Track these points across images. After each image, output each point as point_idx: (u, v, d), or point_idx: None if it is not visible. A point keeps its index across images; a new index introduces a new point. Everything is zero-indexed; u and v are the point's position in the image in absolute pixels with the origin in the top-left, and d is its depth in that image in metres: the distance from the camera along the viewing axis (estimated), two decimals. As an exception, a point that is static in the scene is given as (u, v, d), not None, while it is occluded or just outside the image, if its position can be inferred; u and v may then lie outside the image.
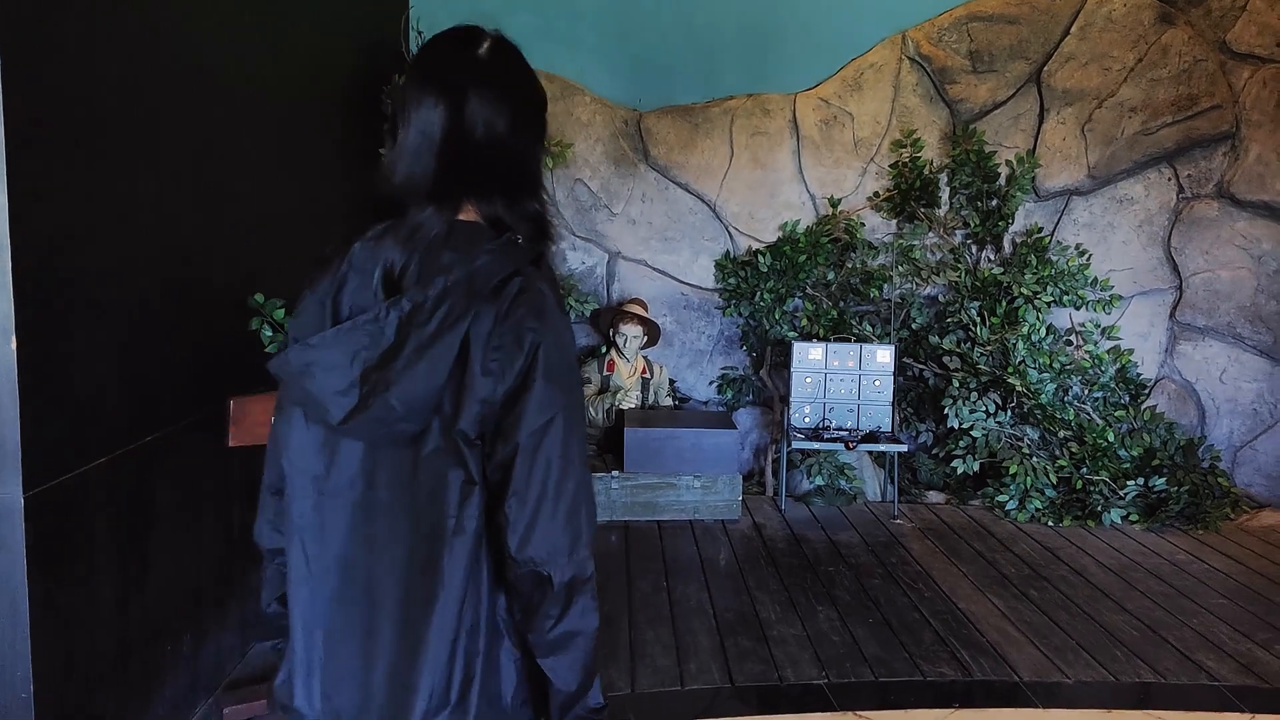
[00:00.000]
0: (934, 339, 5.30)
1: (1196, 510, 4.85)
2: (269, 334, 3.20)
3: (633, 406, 5.23)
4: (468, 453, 1.22)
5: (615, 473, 4.78)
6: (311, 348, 1.22)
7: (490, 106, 1.28)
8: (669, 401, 5.42)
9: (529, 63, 1.33)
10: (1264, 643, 3.61)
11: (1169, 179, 5.24)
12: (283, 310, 3.22)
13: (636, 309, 5.28)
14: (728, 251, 5.53)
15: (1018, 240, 5.42)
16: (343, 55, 4.37)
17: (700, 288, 5.57)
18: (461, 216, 1.27)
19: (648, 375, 5.36)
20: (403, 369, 1.19)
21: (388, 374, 1.19)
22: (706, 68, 5.44)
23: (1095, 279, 5.29)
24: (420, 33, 5.21)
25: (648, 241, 5.53)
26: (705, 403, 5.64)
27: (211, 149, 2.91)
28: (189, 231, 2.76)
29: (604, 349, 5.42)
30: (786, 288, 5.39)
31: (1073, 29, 5.20)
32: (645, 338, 5.32)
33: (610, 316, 5.34)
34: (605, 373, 5.31)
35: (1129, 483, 4.89)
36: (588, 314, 5.41)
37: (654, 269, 5.55)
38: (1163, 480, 4.89)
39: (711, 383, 5.63)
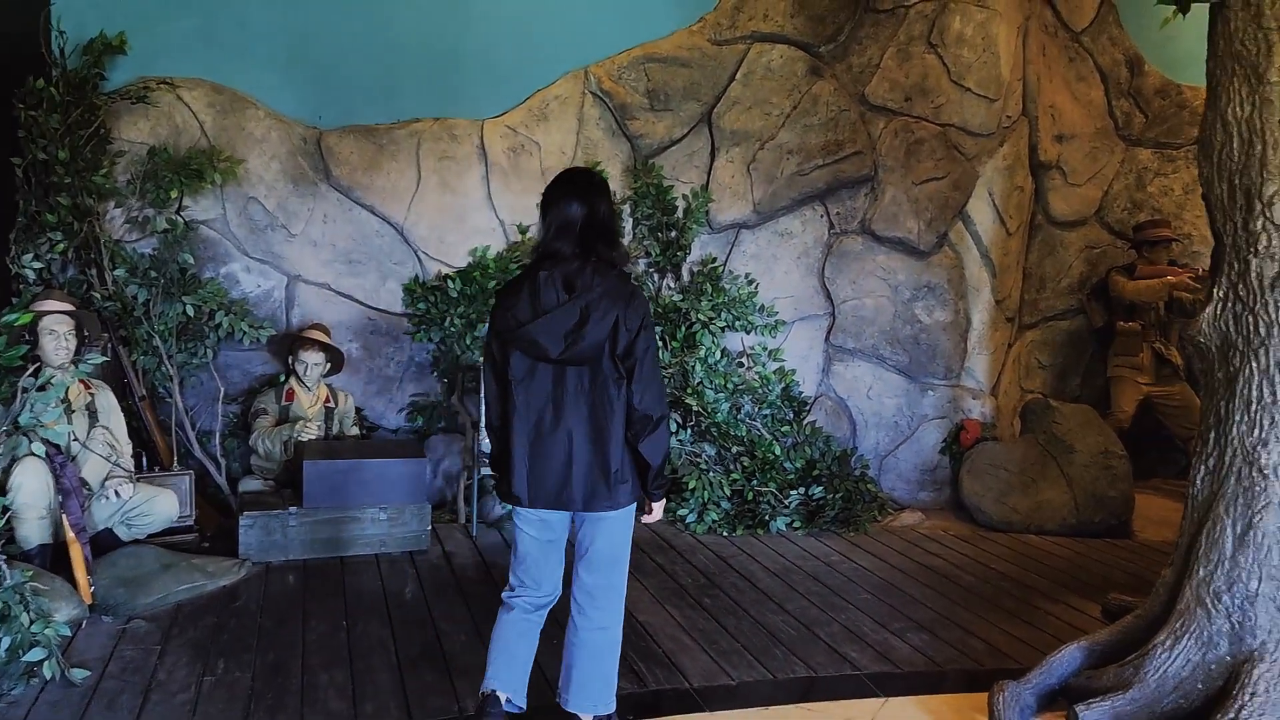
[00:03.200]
0: (620, 363, 5.50)
1: (849, 514, 5.37)
2: None
3: (315, 437, 4.99)
4: (619, 367, 2.73)
5: (293, 509, 4.53)
6: (534, 324, 2.70)
7: (608, 206, 2.81)
8: (355, 431, 5.23)
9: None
10: (898, 632, 4.04)
11: (821, 215, 5.79)
12: None
13: (317, 335, 5.06)
14: (417, 276, 5.45)
15: (695, 269, 5.77)
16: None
17: (389, 312, 5.44)
18: (593, 260, 2.74)
19: (331, 404, 5.14)
20: (590, 330, 2.69)
21: (582, 333, 2.68)
22: (391, 89, 5.35)
23: (762, 305, 5.74)
24: (63, 33, 4.72)
25: (331, 264, 5.33)
26: (396, 431, 5.50)
27: None
28: None
29: (283, 377, 5.15)
30: (478, 313, 5.39)
31: (738, 75, 5.63)
32: (328, 364, 5.11)
33: (289, 343, 5.08)
34: (284, 402, 5.04)
35: (792, 492, 5.32)
36: (264, 340, 5.12)
37: (338, 293, 5.35)
38: (821, 488, 5.37)
39: (401, 410, 5.51)
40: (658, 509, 2.95)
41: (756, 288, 5.75)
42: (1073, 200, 6.47)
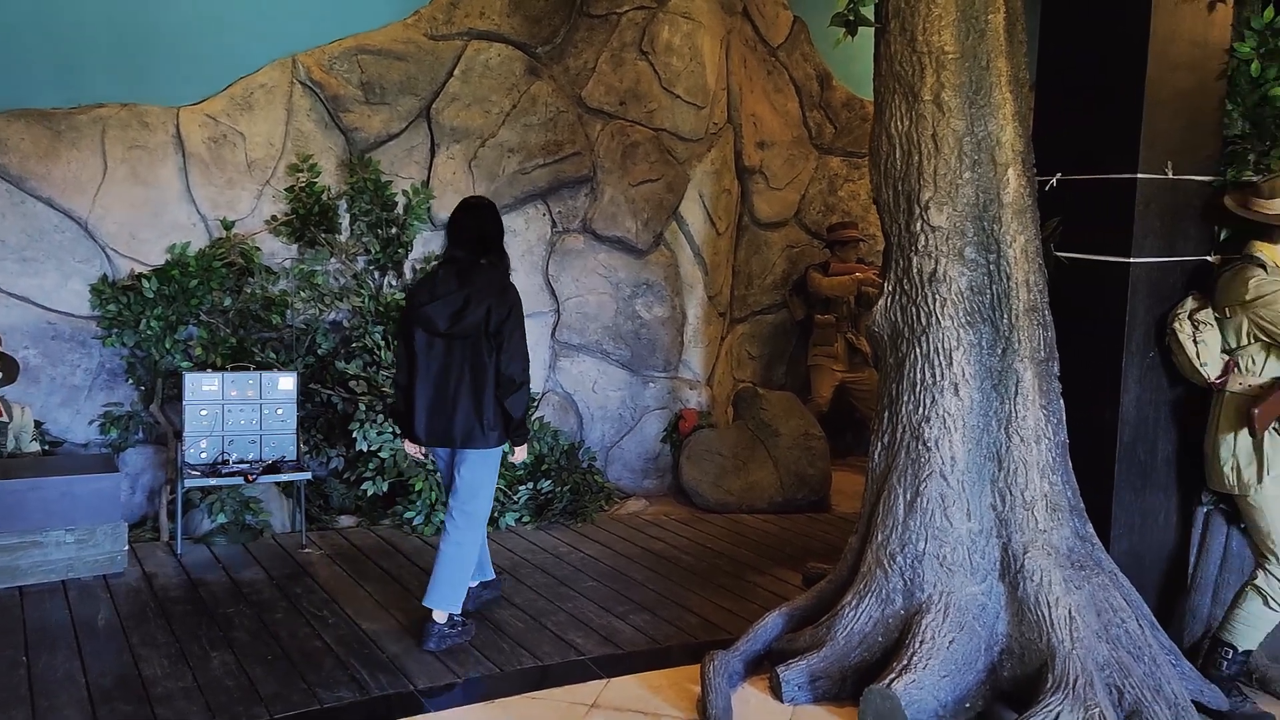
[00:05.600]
0: (340, 364, 5.32)
1: (577, 506, 5.50)
2: None
3: (-15, 456, 4.45)
4: (491, 343, 3.61)
5: (-42, 537, 4.02)
6: (430, 305, 3.61)
7: (494, 223, 3.79)
8: (35, 447, 4.71)
9: None
10: (621, 615, 4.20)
11: (544, 214, 5.89)
12: None
13: (-15, 342, 4.52)
14: (105, 275, 4.99)
15: (418, 266, 5.68)
16: None
17: (73, 315, 4.94)
18: (482, 261, 3.68)
19: (6, 419, 4.60)
20: (469, 313, 3.58)
21: (464, 315, 3.58)
22: (70, 69, 4.85)
23: (487, 303, 5.74)
24: None
25: (1, 263, 4.77)
26: (85, 445, 5.01)
27: None
28: None
29: (-58, 390, 4.54)
30: (178, 315, 5.02)
31: (455, 71, 5.60)
32: (0, 376, 4.57)
33: (-51, 352, 4.49)
34: (-56, 419, 4.45)
35: (521, 488, 5.38)
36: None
37: (10, 294, 4.80)
38: (550, 482, 5.47)
39: (92, 422, 5.02)
40: (520, 452, 3.89)
41: (481, 285, 5.74)
42: (774, 203, 6.97)
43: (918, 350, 3.61)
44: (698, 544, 5.22)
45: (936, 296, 3.57)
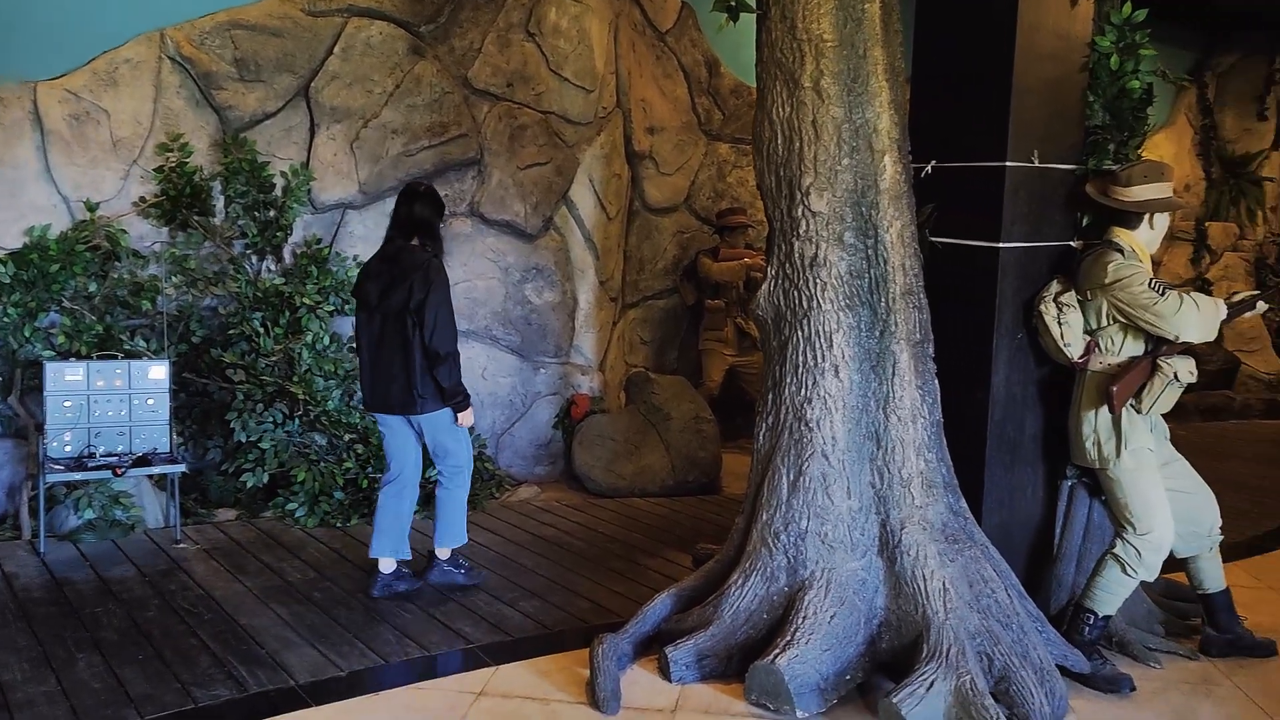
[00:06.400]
0: (216, 352, 5.13)
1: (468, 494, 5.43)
2: None
3: None
4: (414, 318, 3.92)
5: None
6: (366, 283, 4.06)
7: (428, 209, 4.12)
8: (-122, 443, 4.40)
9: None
10: (511, 602, 4.18)
11: (430, 197, 5.77)
12: None
13: None
14: (-45, 259, 4.68)
15: (298, 251, 5.50)
16: None
17: (-81, 303, 4.63)
18: (412, 243, 4.06)
19: None
20: (395, 292, 3.94)
21: (391, 293, 3.95)
22: (-90, 38, 4.53)
23: (372, 288, 5.60)
24: None
25: None
26: (-65, 440, 4.70)
27: None
28: None
29: None
30: (38, 301, 4.75)
31: (335, 49, 5.43)
32: None
33: None
34: None
35: (408, 476, 5.28)
36: None
37: None
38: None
39: (-58, 416, 4.72)
40: (463, 417, 4.13)
41: (365, 270, 5.60)
42: (664, 188, 7.00)
43: (800, 333, 3.68)
44: (589, 529, 5.23)
45: (817, 281, 3.64)
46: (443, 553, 4.28)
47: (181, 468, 4.74)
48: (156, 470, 4.64)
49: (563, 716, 3.24)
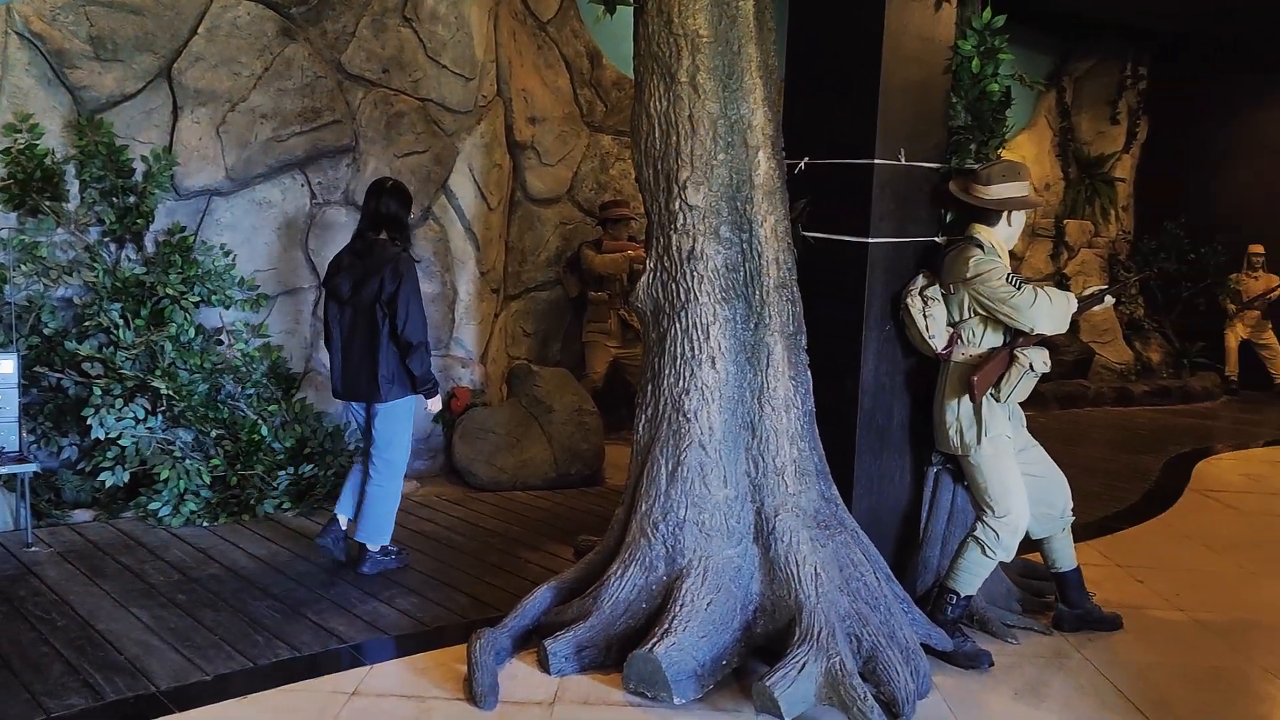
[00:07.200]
0: (71, 344, 4.86)
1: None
2: None
3: None
4: (384, 309, 4.14)
5: None
6: (337, 277, 4.27)
7: (396, 204, 4.32)
8: None
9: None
10: (387, 599, 4.10)
11: (302, 185, 5.60)
12: None
13: None
14: None
15: (161, 239, 5.26)
16: None
17: None
18: (381, 237, 4.26)
19: None
20: (366, 285, 4.16)
21: (362, 286, 4.16)
22: None
23: (242, 279, 5.40)
24: None
25: None
26: None
27: None
28: None
29: None
30: None
31: (200, 29, 5.20)
32: None
33: None
34: None
35: (281, 473, 5.12)
36: None
37: None
38: (312, 466, 5.24)
39: None
40: (431, 403, 4.45)
41: (235, 259, 5.39)
42: (547, 179, 6.97)
43: (678, 325, 3.72)
44: (469, 523, 5.17)
45: (695, 273, 3.69)
46: (373, 545, 4.37)
47: (33, 467, 4.49)
48: (4, 470, 4.38)
49: (438, 713, 3.20)
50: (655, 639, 3.36)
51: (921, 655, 3.52)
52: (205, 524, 4.85)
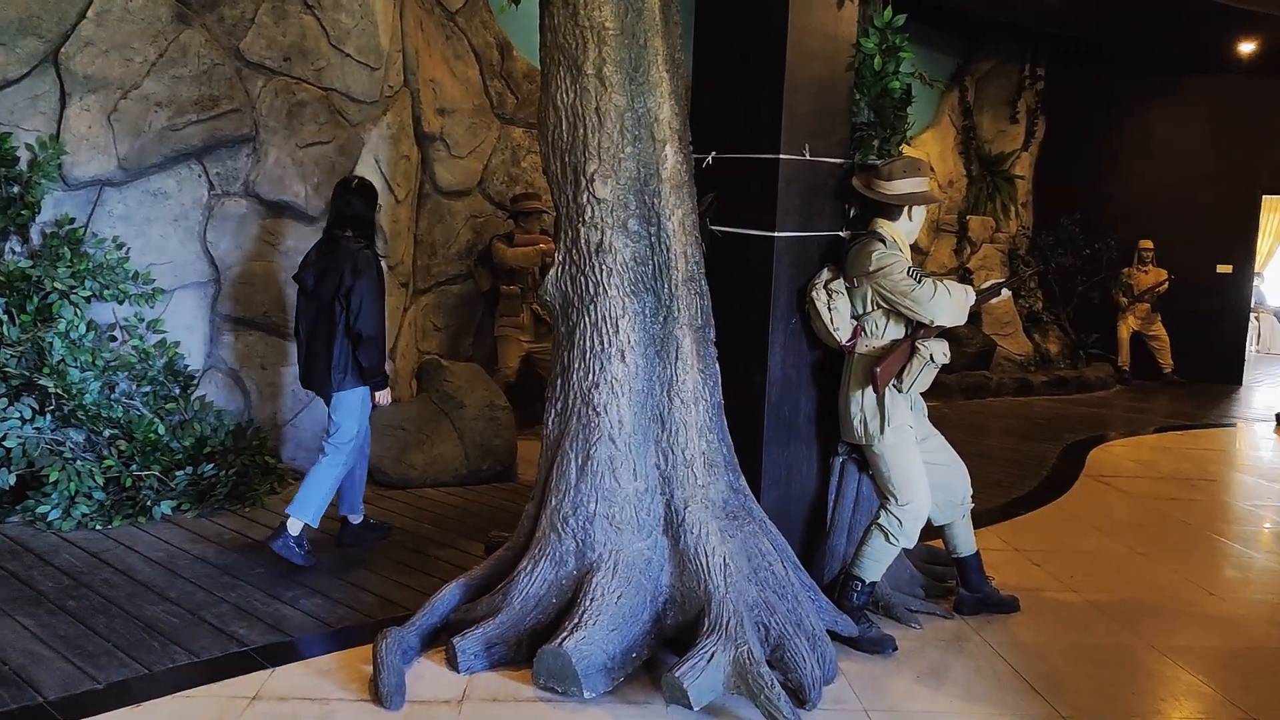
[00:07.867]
0: (-51, 342, 4.62)
1: (244, 490, 5.16)
2: None
3: None
4: (341, 303, 4.32)
5: None
6: (303, 271, 4.51)
7: (360, 202, 4.52)
8: None
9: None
10: (291, 600, 4.00)
11: (200, 175, 5.41)
12: None
13: None
14: None
15: (49, 231, 5.03)
16: None
17: None
18: (346, 234, 4.45)
19: None
20: (326, 279, 4.38)
21: (322, 280, 4.40)
22: None
23: (136, 273, 5.21)
24: None
25: None
26: None
27: None
28: None
29: None
30: None
31: (90, 13, 4.99)
32: None
33: None
34: None
35: (179, 473, 4.96)
36: None
37: None
38: (213, 466, 5.08)
39: None
40: (380, 396, 4.53)
41: (128, 252, 5.19)
42: (457, 171, 6.88)
43: (587, 319, 3.71)
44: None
45: (603, 267, 3.68)
46: (294, 526, 4.34)
47: (-93, 471, 4.25)
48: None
49: (342, 715, 3.14)
50: (565, 633, 3.35)
51: (828, 642, 3.58)
52: (98, 527, 4.67)
